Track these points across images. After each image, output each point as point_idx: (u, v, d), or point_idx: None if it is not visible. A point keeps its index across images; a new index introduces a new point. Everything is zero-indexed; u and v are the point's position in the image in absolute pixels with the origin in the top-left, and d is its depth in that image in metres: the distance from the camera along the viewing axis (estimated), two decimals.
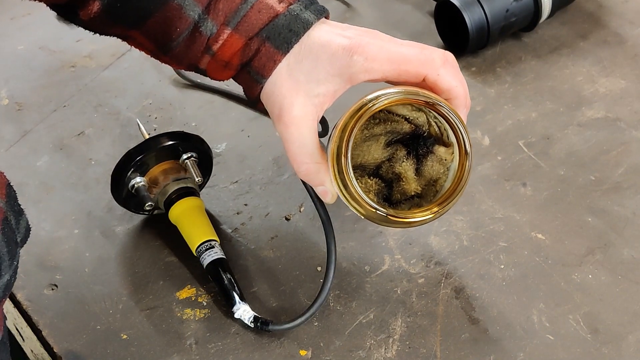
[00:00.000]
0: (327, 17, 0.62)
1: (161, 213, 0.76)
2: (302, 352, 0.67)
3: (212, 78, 0.65)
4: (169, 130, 0.76)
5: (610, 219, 0.76)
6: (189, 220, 0.74)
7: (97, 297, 0.72)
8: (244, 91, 0.64)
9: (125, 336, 0.69)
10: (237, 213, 0.79)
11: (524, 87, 0.91)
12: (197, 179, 0.74)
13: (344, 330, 0.68)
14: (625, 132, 0.86)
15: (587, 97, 0.89)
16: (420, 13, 1.05)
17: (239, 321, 0.69)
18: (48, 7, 0.64)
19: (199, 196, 0.76)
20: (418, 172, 0.62)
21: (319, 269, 0.73)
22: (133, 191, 0.74)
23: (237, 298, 0.69)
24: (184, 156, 0.75)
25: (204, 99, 0.94)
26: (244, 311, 0.68)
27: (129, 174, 0.73)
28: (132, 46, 0.65)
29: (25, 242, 0.52)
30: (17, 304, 0.72)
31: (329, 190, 0.62)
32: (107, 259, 0.75)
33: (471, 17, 0.92)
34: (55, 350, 0.68)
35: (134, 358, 0.67)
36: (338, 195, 0.61)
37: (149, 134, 0.78)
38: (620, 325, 0.68)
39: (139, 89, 0.96)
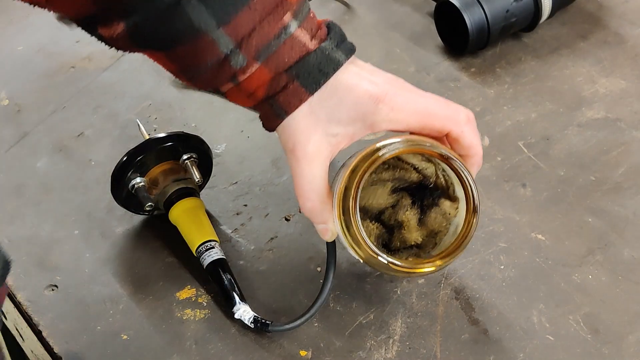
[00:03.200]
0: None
1: (161, 213, 0.76)
2: (302, 353, 0.67)
3: (231, 101, 0.65)
4: (169, 131, 0.76)
5: (611, 219, 0.76)
6: (189, 221, 0.74)
7: (97, 297, 0.72)
8: (260, 118, 0.64)
9: (125, 336, 0.69)
10: (237, 214, 0.79)
11: (524, 87, 0.91)
12: (197, 180, 0.74)
13: (344, 331, 0.68)
14: (625, 132, 0.86)
15: (587, 98, 0.89)
16: (419, 14, 1.05)
17: (239, 322, 0.69)
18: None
19: (198, 197, 0.76)
20: (421, 222, 0.62)
21: (318, 269, 0.73)
22: (133, 191, 0.74)
23: (237, 298, 0.69)
24: (184, 157, 0.75)
25: (204, 100, 0.94)
26: (244, 312, 0.68)
27: (129, 174, 0.73)
28: (157, 63, 0.64)
29: (5, 277, 0.51)
30: (17, 305, 0.72)
31: (330, 229, 0.62)
32: (107, 260, 0.75)
33: (471, 17, 0.92)
34: (55, 351, 0.68)
35: (134, 358, 0.67)
36: (338, 235, 0.61)
37: (149, 135, 0.78)
38: (620, 325, 0.68)
39: (138, 90, 0.96)
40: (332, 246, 0.67)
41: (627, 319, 0.68)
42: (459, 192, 0.61)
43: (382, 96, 0.60)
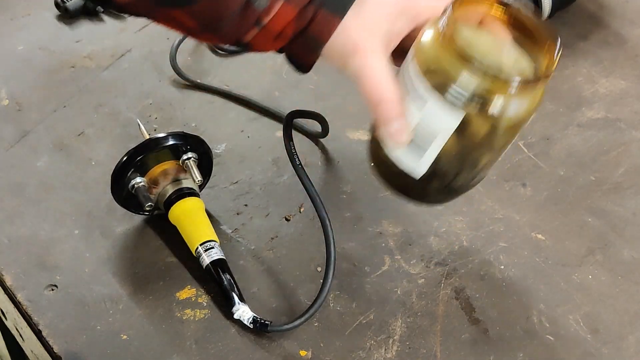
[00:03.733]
0: None
1: (161, 213, 0.76)
2: (302, 353, 0.67)
3: (255, 51, 0.64)
4: (169, 131, 0.76)
5: (610, 219, 0.76)
6: (189, 221, 0.74)
7: (97, 297, 0.72)
8: (295, 59, 0.64)
9: (125, 336, 0.69)
10: (237, 213, 0.79)
11: None
12: (197, 180, 0.74)
13: (344, 331, 0.68)
14: (625, 132, 0.86)
15: (587, 98, 0.89)
16: None
17: (239, 322, 0.69)
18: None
19: (199, 197, 0.76)
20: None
21: (319, 269, 0.73)
22: (133, 191, 0.74)
23: (236, 299, 0.69)
24: (184, 157, 0.75)
25: (204, 99, 0.94)
26: (243, 312, 0.68)
27: (129, 174, 0.73)
28: (162, 24, 0.64)
29: None
30: (17, 304, 0.72)
31: (406, 126, 0.59)
32: (107, 259, 0.75)
33: None
34: (55, 351, 0.68)
35: (134, 358, 0.67)
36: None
37: (149, 135, 0.78)
38: (620, 325, 0.68)
39: (138, 89, 0.96)
40: (331, 246, 0.67)
41: (627, 319, 0.68)
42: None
43: None
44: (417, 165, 0.61)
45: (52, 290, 0.73)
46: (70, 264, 0.75)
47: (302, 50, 0.62)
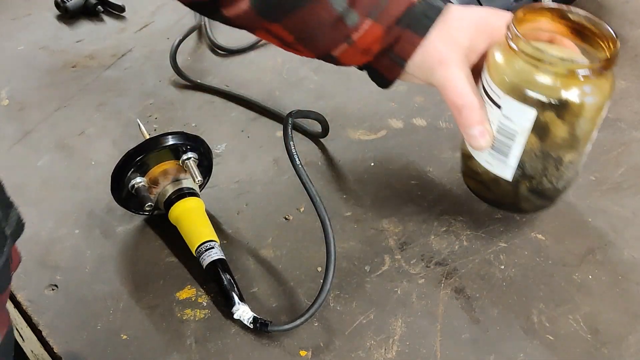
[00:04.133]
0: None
1: (161, 213, 0.76)
2: (302, 352, 0.67)
3: (342, 64, 0.71)
4: (169, 131, 0.76)
5: (611, 219, 0.77)
6: (189, 221, 0.74)
7: (97, 296, 0.72)
8: (379, 74, 0.72)
9: (125, 336, 0.69)
10: (237, 213, 0.79)
11: None
12: (197, 180, 0.74)
13: (344, 330, 0.68)
14: (625, 132, 0.86)
15: None
16: None
17: (239, 321, 0.69)
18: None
19: (199, 197, 0.76)
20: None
21: (319, 269, 0.73)
22: (133, 191, 0.74)
23: (236, 299, 0.69)
24: (184, 157, 0.75)
25: (204, 99, 0.94)
26: (243, 312, 0.68)
27: (129, 174, 0.73)
28: (261, 38, 0.72)
29: (18, 237, 0.51)
30: (17, 304, 0.72)
31: (488, 130, 0.66)
32: (108, 259, 0.75)
33: None
34: (55, 351, 0.68)
35: (134, 357, 0.67)
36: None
37: (149, 134, 0.78)
38: (620, 325, 0.68)
39: (139, 89, 0.96)
40: (331, 246, 0.67)
41: (627, 319, 0.68)
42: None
43: (491, 10, 0.70)
44: (505, 167, 0.68)
45: (53, 289, 0.73)
46: (71, 264, 0.75)
47: (386, 66, 0.70)
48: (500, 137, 0.66)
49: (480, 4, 0.91)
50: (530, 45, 0.62)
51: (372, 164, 0.84)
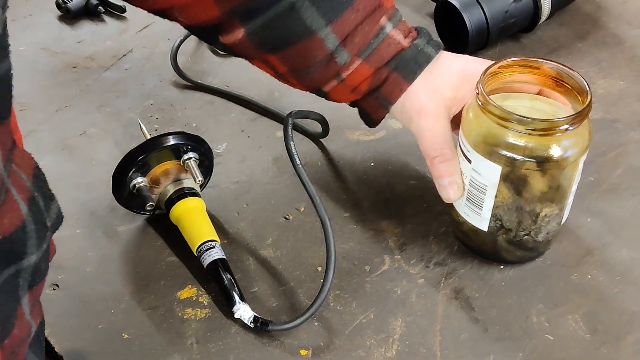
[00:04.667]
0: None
1: (162, 213, 0.77)
2: (302, 352, 0.67)
3: (332, 100, 0.74)
4: (170, 131, 0.76)
5: (609, 220, 0.77)
6: (190, 221, 0.74)
7: (99, 296, 0.72)
8: (366, 114, 0.74)
9: (126, 335, 0.69)
10: (238, 213, 0.79)
11: None
12: (198, 180, 0.75)
13: (344, 330, 0.68)
14: (623, 133, 0.86)
15: None
16: (419, 14, 1.06)
17: (240, 321, 0.69)
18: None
19: (199, 196, 0.76)
20: None
21: (319, 269, 0.74)
22: (134, 191, 0.74)
23: (237, 298, 0.69)
24: (185, 157, 0.75)
25: (205, 99, 0.95)
26: (243, 311, 0.68)
27: (130, 174, 0.73)
28: (256, 66, 0.74)
29: (57, 229, 0.52)
30: None
31: (457, 182, 0.69)
32: (110, 259, 0.76)
33: (471, 18, 0.92)
34: (57, 350, 0.68)
35: (135, 357, 0.67)
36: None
37: (150, 135, 0.79)
38: (619, 325, 0.68)
39: (140, 90, 0.96)
40: (332, 246, 0.68)
41: (626, 318, 0.68)
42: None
43: (477, 59, 0.73)
44: (480, 218, 0.69)
45: (54, 289, 0.73)
46: (73, 263, 0.75)
47: (373, 106, 0.72)
48: (472, 190, 0.68)
49: (480, 5, 0.92)
50: (496, 104, 0.63)
51: (372, 165, 0.84)
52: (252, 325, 0.68)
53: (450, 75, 0.71)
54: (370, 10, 0.68)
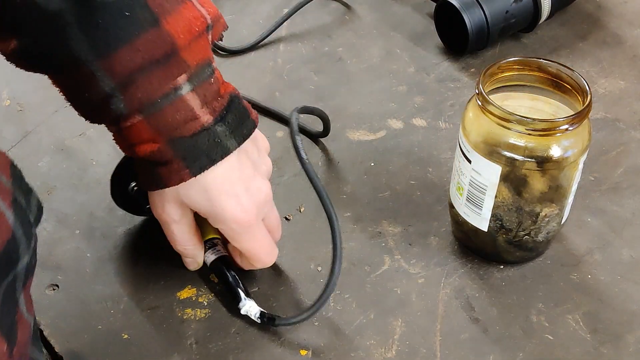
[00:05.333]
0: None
1: None
2: (302, 352, 0.67)
3: (119, 146, 0.65)
4: None
5: (609, 219, 0.77)
6: None
7: (98, 297, 0.72)
8: (138, 177, 0.67)
9: (126, 336, 0.69)
10: None
11: None
12: None
13: (344, 330, 0.68)
14: (624, 132, 0.86)
15: None
16: (419, 14, 1.06)
17: (240, 321, 0.69)
18: None
19: None
20: None
21: (319, 269, 0.73)
22: (133, 194, 0.74)
23: (242, 294, 0.69)
24: None
25: None
26: (250, 307, 0.68)
27: (127, 176, 0.73)
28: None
29: (39, 222, 0.51)
30: None
31: (197, 262, 0.72)
32: (108, 259, 0.75)
33: (471, 18, 0.92)
34: (56, 350, 0.68)
35: (134, 358, 0.67)
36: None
37: None
38: (619, 325, 0.68)
39: None
40: (337, 238, 0.66)
41: (626, 318, 0.68)
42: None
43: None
44: (480, 218, 0.69)
45: (54, 290, 0.73)
46: (72, 264, 0.75)
47: (147, 176, 0.64)
48: (472, 190, 0.68)
49: (480, 5, 0.92)
50: (496, 104, 0.63)
51: (372, 164, 0.84)
52: (258, 321, 0.68)
53: (199, 198, 0.64)
54: (160, 56, 0.57)
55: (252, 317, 0.68)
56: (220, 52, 1.01)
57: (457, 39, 0.95)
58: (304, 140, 0.87)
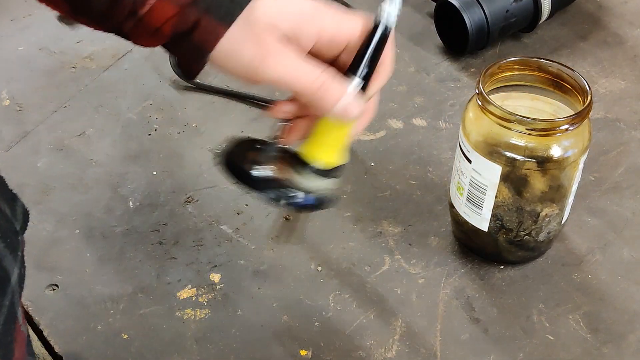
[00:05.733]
0: None
1: None
2: (302, 352, 0.67)
3: (137, 44, 0.58)
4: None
5: (610, 219, 0.77)
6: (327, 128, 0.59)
7: (97, 297, 0.72)
8: (180, 63, 0.59)
9: (125, 336, 0.69)
10: (238, 213, 0.79)
11: None
12: None
13: (344, 330, 0.68)
14: (624, 132, 0.86)
15: None
16: (419, 14, 1.05)
17: (240, 321, 0.69)
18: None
19: None
20: None
21: (319, 269, 0.73)
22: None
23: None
24: None
25: (204, 100, 0.94)
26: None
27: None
28: (46, 5, 0.58)
29: (26, 228, 0.50)
30: None
31: (352, 99, 0.56)
32: (108, 259, 0.75)
33: (471, 17, 0.92)
34: (56, 350, 0.68)
35: (134, 358, 0.67)
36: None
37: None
38: (620, 324, 0.68)
39: (139, 90, 0.96)
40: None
41: (627, 318, 0.68)
42: None
43: (314, 9, 0.55)
44: (480, 218, 0.69)
45: (53, 290, 0.73)
46: (71, 264, 0.75)
47: (187, 54, 0.58)
48: (473, 190, 0.68)
49: (480, 5, 0.92)
50: (496, 105, 0.63)
51: (372, 164, 0.84)
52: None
53: (282, 20, 0.55)
54: None
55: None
56: None
57: (457, 39, 0.95)
58: None
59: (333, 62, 0.58)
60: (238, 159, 0.63)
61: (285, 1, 0.56)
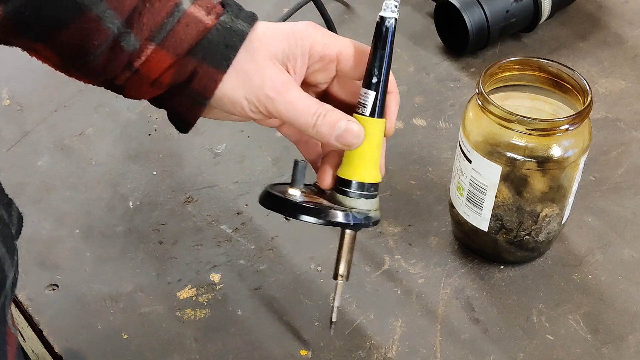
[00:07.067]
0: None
1: None
2: (302, 352, 0.67)
3: (131, 96, 0.60)
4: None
5: (610, 219, 0.77)
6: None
7: (97, 296, 0.72)
8: (175, 114, 0.61)
9: (125, 335, 0.69)
10: (238, 213, 0.79)
11: None
12: None
13: (344, 330, 0.68)
14: (625, 132, 0.86)
15: None
16: (419, 14, 1.05)
17: (239, 321, 0.69)
18: None
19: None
20: None
21: (319, 269, 0.73)
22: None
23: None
24: None
25: None
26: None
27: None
28: (35, 58, 0.60)
29: (20, 232, 0.50)
30: (17, 304, 0.72)
31: (352, 126, 0.57)
32: (107, 259, 0.75)
33: (471, 17, 0.92)
34: (55, 350, 0.68)
35: (134, 357, 0.67)
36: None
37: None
38: (620, 325, 0.68)
39: None
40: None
41: (627, 318, 0.68)
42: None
43: (305, 26, 0.59)
44: (480, 218, 0.69)
45: (53, 289, 0.73)
46: (71, 263, 0.75)
47: (186, 104, 0.59)
48: (473, 190, 0.68)
49: (481, 5, 0.92)
50: (496, 104, 0.63)
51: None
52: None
53: (276, 41, 0.58)
54: None
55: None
56: None
57: (457, 39, 0.95)
58: None
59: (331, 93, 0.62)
60: (279, 192, 0.65)
61: (276, 33, 0.58)
